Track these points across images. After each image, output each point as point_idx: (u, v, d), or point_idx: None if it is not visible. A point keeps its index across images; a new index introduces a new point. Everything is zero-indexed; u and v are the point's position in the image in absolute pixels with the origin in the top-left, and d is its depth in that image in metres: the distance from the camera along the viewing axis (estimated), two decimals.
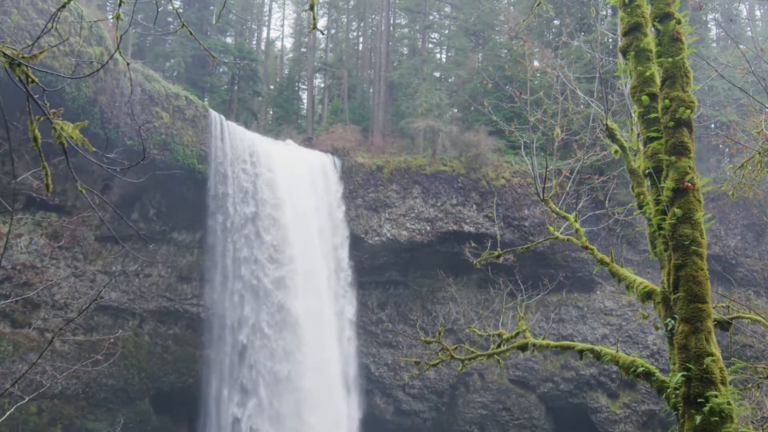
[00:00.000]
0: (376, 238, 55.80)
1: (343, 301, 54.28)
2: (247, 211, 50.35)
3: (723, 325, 11.64)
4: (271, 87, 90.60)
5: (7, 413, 9.33)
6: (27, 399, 9.87)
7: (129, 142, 44.53)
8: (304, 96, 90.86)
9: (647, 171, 9.14)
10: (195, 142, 49.26)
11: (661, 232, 8.10)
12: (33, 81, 5.89)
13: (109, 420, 48.82)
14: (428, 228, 56.08)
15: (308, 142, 62.08)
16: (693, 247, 7.28)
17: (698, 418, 6.71)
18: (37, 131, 6.06)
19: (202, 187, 49.82)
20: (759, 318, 13.50)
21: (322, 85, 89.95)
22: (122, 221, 45.99)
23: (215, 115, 50.88)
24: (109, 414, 50.02)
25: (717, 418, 6.63)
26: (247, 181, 50.55)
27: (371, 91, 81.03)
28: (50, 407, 47.92)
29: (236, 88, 74.44)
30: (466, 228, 55.96)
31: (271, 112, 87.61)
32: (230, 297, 50.32)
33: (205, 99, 68.81)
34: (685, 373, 6.96)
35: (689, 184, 7.50)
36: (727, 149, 60.91)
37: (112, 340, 45.93)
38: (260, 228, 50.41)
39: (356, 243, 55.50)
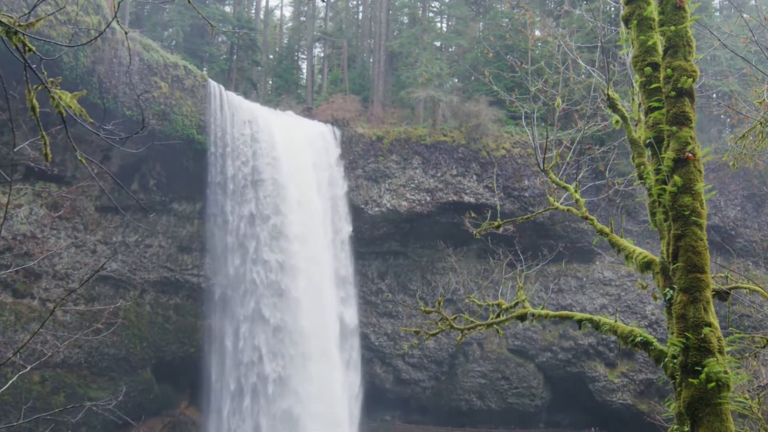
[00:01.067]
0: (376, 209, 55.81)
1: (344, 272, 54.43)
2: (248, 182, 50.27)
3: (721, 295, 11.69)
4: (271, 56, 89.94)
5: (10, 382, 9.41)
6: (29, 368, 9.96)
7: (128, 113, 44.31)
8: (304, 66, 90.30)
9: (648, 141, 9.11)
10: (194, 112, 49.03)
11: (661, 202, 8.10)
12: (30, 50, 5.84)
13: (112, 389, 49.23)
14: (428, 198, 56.06)
15: (308, 112, 61.78)
16: (693, 218, 7.28)
17: (695, 386, 6.77)
18: (35, 100, 6.03)
19: (202, 158, 49.69)
20: (757, 288, 13.54)
21: (322, 55, 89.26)
22: (122, 192, 45.96)
23: (214, 85, 50.56)
24: (112, 383, 50.45)
25: (713, 386, 6.69)
26: (246, 152, 50.40)
27: (371, 60, 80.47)
28: (53, 376, 48.34)
29: (235, 57, 73.89)
30: (466, 198, 55.94)
31: (270, 82, 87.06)
32: (231, 267, 50.46)
33: (204, 69, 68.30)
34: (683, 342, 7.01)
35: (690, 155, 7.48)
36: (729, 119, 60.69)
37: (113, 310, 46.18)
38: (260, 198, 50.38)
39: (356, 213, 55.54)
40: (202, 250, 52.81)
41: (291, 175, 51.07)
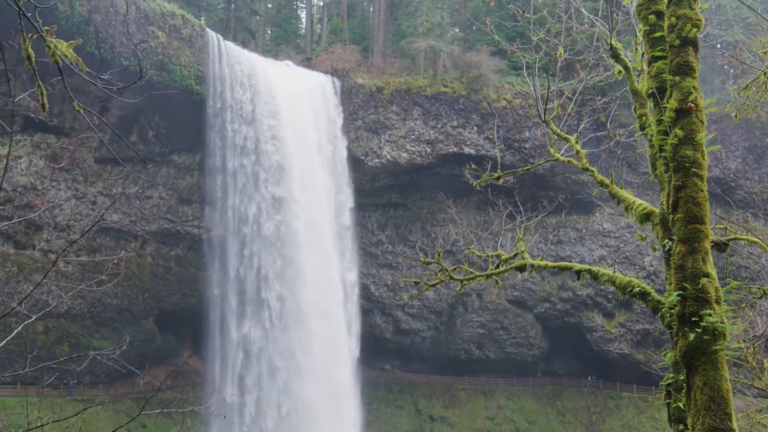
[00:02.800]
0: (376, 160, 55.64)
1: (343, 218, 54.52)
2: (247, 133, 50.00)
3: (720, 247, 11.73)
4: (269, 6, 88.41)
5: (15, 331, 9.50)
6: (34, 318, 10.05)
7: (125, 63, 43.82)
8: (303, 15, 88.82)
9: (650, 91, 9.02)
10: (192, 62, 48.50)
11: (662, 153, 8.07)
12: None
13: (115, 339, 49.86)
14: (428, 150, 55.84)
15: (307, 63, 61.07)
16: (693, 169, 7.25)
17: (692, 336, 6.84)
18: (30, 49, 5.95)
19: (201, 109, 49.33)
20: (756, 240, 13.57)
21: (321, 4, 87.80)
22: (122, 143, 45.75)
23: (212, 35, 49.86)
24: (115, 333, 51.06)
25: (710, 336, 6.76)
26: (246, 103, 50.01)
27: (371, 9, 79.18)
28: (57, 326, 48.90)
29: (233, 6, 72.73)
30: (467, 150, 55.72)
31: (269, 32, 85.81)
32: (231, 217, 50.56)
33: (202, 18, 67.31)
34: (680, 292, 7.05)
35: (692, 105, 7.41)
36: (732, 70, 60.05)
37: (115, 261, 46.43)
38: (260, 149, 50.18)
39: (356, 165, 55.39)
40: (202, 201, 52.85)
41: (290, 126, 50.78)
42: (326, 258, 51.45)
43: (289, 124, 50.84)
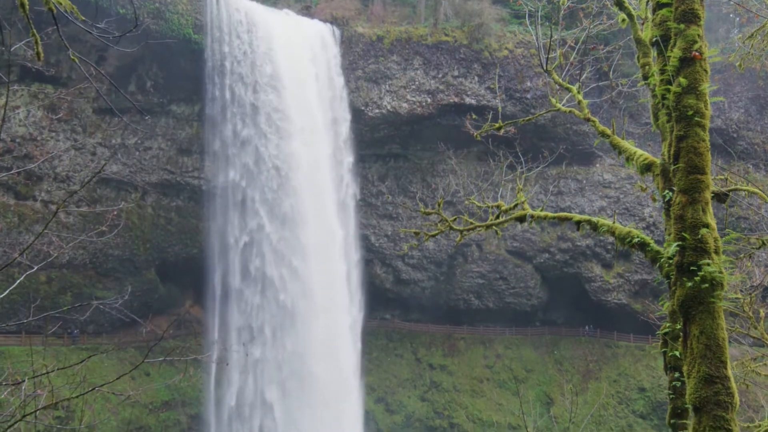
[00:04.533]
0: (377, 111, 55.24)
1: (343, 168, 54.42)
2: (246, 82, 49.53)
3: (720, 197, 11.73)
4: None
5: (17, 281, 9.58)
6: (36, 268, 10.11)
7: (121, 11, 43.17)
8: None
9: (654, 39, 8.90)
10: (189, 10, 47.78)
11: (664, 102, 8.00)
12: None
13: (117, 289, 50.27)
14: (429, 100, 55.40)
15: (306, 11, 60.10)
16: (696, 118, 7.19)
17: (689, 285, 6.88)
18: None
19: (199, 58, 48.78)
20: (756, 190, 13.56)
21: None
22: (119, 94, 45.35)
23: None
24: (117, 283, 51.46)
25: (707, 286, 6.80)
26: (245, 52, 49.41)
27: None
28: (59, 276, 49.27)
29: None
30: (468, 100, 55.28)
31: None
32: (231, 168, 50.46)
33: None
34: (679, 242, 7.07)
35: (697, 53, 7.31)
36: (738, 18, 59.12)
37: (115, 212, 46.51)
38: (260, 98, 49.78)
39: (356, 115, 55.00)
40: (202, 152, 52.67)
41: (290, 75, 50.29)
42: (326, 207, 51.52)
43: (289, 74, 50.33)
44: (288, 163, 50.24)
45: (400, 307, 65.09)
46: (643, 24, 12.36)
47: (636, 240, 11.40)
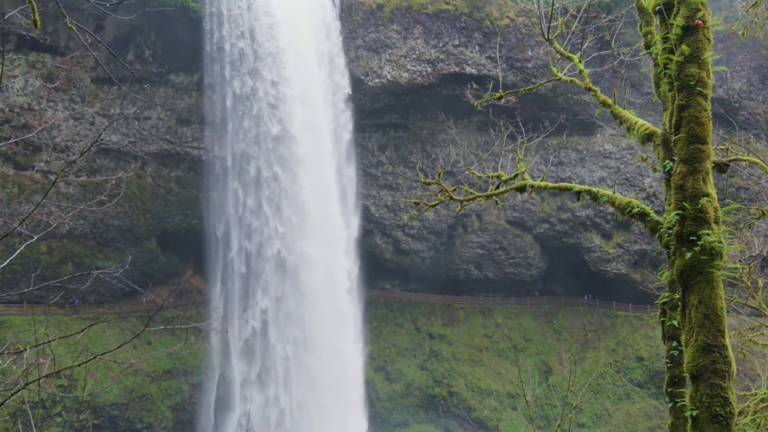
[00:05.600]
0: (377, 80, 54.88)
1: (343, 138, 54.20)
2: (245, 50, 49.13)
3: (721, 167, 11.70)
4: None
5: (18, 251, 9.59)
6: (36, 238, 10.12)
7: None
8: None
9: (657, 7, 8.80)
10: None
11: (666, 71, 7.93)
12: None
13: (118, 259, 50.43)
14: (429, 70, 55.01)
15: None
16: (698, 88, 7.14)
17: (689, 255, 6.90)
18: None
19: (198, 27, 48.36)
20: (757, 160, 13.51)
21: None
22: (118, 63, 45.04)
23: None
24: (118, 253, 51.60)
25: (707, 255, 6.82)
26: (243, 20, 48.95)
27: None
28: (60, 246, 49.38)
29: None
30: (468, 70, 54.91)
31: None
32: (231, 138, 50.29)
33: None
34: (679, 212, 7.06)
35: (700, 22, 7.24)
36: None
37: (114, 182, 46.48)
38: (258, 66, 49.42)
39: (356, 85, 54.65)
40: (202, 122, 52.46)
41: (289, 44, 49.88)
42: (325, 173, 51.45)
43: (288, 42, 49.91)
44: (288, 131, 50.02)
45: (400, 277, 65.35)
46: None
47: (636, 210, 11.39)
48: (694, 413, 6.67)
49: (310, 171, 50.19)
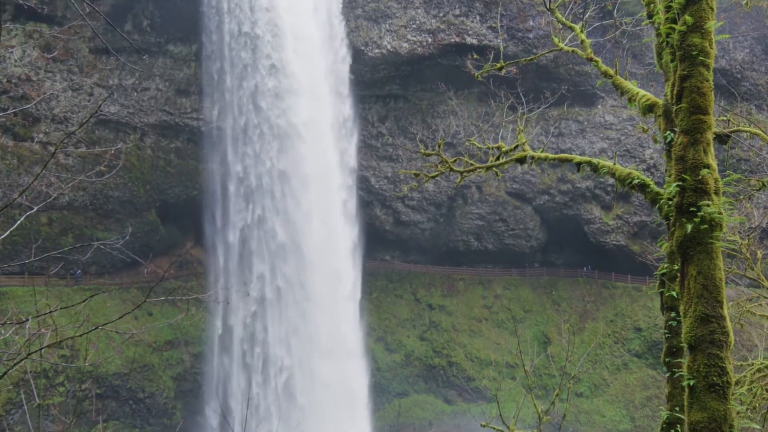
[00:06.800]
0: (376, 51, 54.47)
1: (343, 109, 53.92)
2: (243, 20, 48.68)
3: (722, 139, 11.67)
4: None
5: (18, 222, 9.60)
6: (36, 209, 10.14)
7: None
8: None
9: None
10: None
11: (669, 41, 7.87)
12: None
13: (119, 230, 50.51)
14: (430, 40, 54.57)
15: None
16: (700, 57, 7.09)
17: (689, 226, 6.90)
18: None
19: None
20: (758, 131, 13.46)
21: None
22: (116, 33, 44.67)
23: None
24: (118, 224, 51.66)
25: (707, 227, 6.83)
26: None
27: None
28: (60, 218, 49.42)
29: None
30: (469, 40, 54.46)
31: None
32: (230, 109, 50.04)
33: None
34: (680, 183, 7.05)
35: None
36: None
37: (114, 152, 46.38)
38: (258, 37, 49.02)
39: (356, 55, 54.26)
40: (201, 93, 52.18)
41: (288, 13, 49.40)
42: (325, 146, 51.29)
43: (287, 9, 49.42)
44: (287, 102, 49.75)
45: (399, 248, 65.49)
46: None
47: (636, 181, 11.40)
48: (692, 383, 6.73)
49: (311, 143, 50.00)
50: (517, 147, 14.45)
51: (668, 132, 9.96)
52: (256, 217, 50.38)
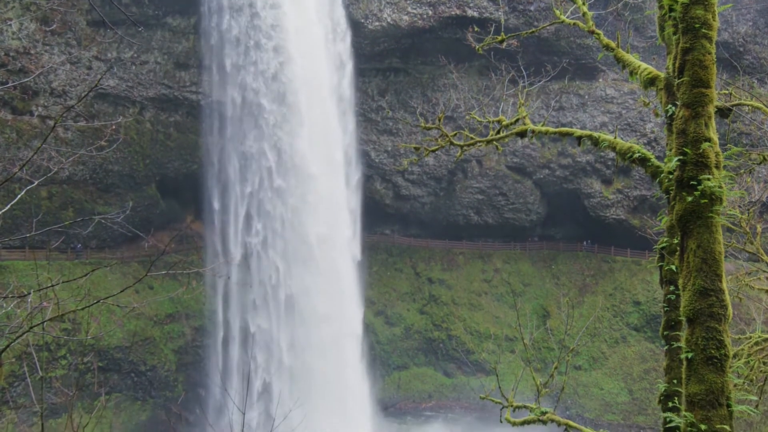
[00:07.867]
0: (376, 23, 54.02)
1: (343, 83, 53.62)
2: None
3: (723, 112, 11.61)
4: None
5: (18, 196, 9.59)
6: (36, 183, 10.12)
7: None
8: None
9: None
10: None
11: (671, 14, 7.80)
12: None
13: (119, 204, 50.53)
14: (430, 12, 54.11)
15: None
16: (703, 30, 7.04)
17: (689, 200, 6.90)
18: None
19: None
20: (760, 105, 13.40)
21: None
22: (113, 5, 44.28)
23: None
24: (118, 198, 51.65)
25: (707, 200, 6.82)
26: None
27: None
28: (60, 192, 49.40)
29: None
30: (469, 12, 53.99)
31: None
32: (229, 82, 49.76)
33: None
34: (681, 157, 7.04)
35: None
36: None
37: (113, 126, 46.18)
38: (257, 9, 48.58)
39: (356, 28, 53.82)
40: (200, 66, 51.85)
41: None
42: (326, 120, 51.08)
43: None
44: (287, 74, 49.44)
45: (399, 222, 65.55)
46: None
47: (637, 155, 11.36)
48: (690, 355, 6.78)
49: (310, 114, 49.76)
50: (517, 121, 14.39)
51: (669, 105, 9.91)
52: (256, 191, 50.31)
